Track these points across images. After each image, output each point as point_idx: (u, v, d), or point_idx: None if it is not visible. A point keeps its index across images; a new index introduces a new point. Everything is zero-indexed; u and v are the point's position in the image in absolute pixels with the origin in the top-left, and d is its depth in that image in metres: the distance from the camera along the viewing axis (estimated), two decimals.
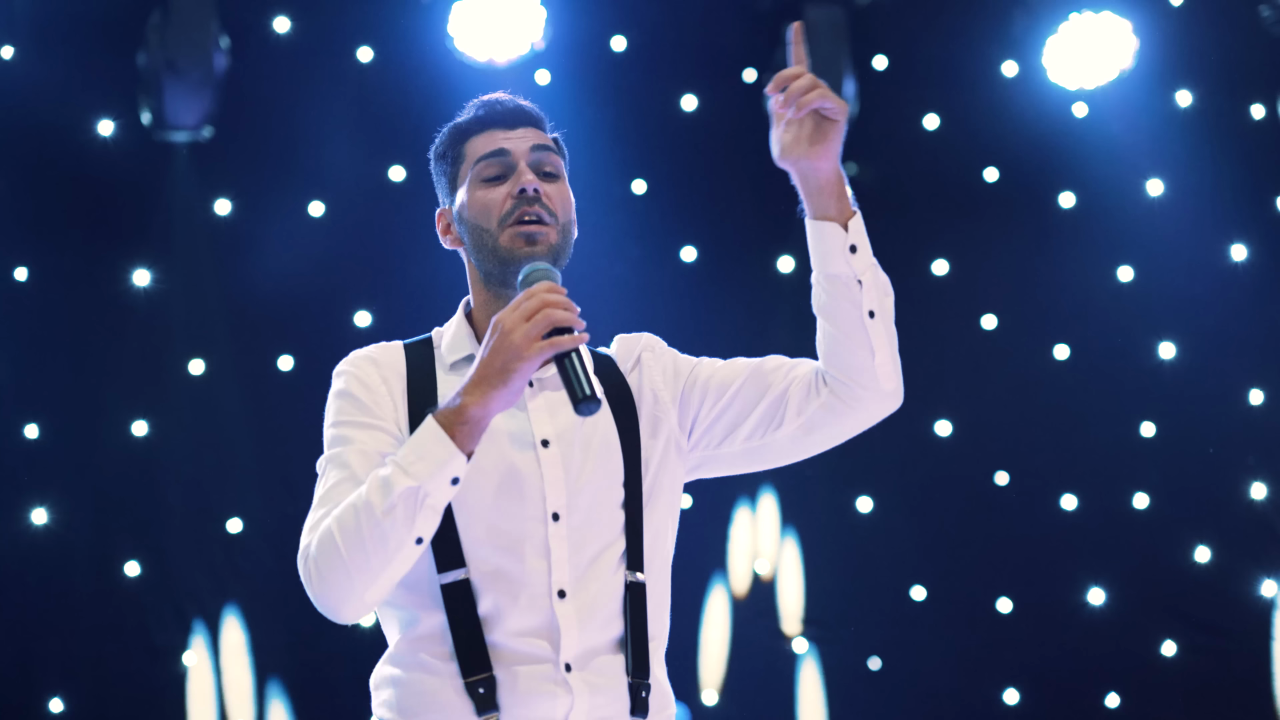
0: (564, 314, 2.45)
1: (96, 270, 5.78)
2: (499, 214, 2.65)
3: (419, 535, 2.45)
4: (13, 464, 5.70)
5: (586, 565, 2.59)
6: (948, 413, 6.16)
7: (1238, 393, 6.23)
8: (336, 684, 5.82)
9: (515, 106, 2.74)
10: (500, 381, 2.43)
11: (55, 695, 5.67)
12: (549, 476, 2.60)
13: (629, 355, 2.80)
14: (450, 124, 2.77)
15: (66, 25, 5.75)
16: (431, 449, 2.43)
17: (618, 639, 2.61)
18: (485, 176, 2.68)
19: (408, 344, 2.75)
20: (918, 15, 6.19)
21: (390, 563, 2.45)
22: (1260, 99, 6.27)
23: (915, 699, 6.07)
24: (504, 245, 2.64)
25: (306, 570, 2.50)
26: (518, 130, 2.71)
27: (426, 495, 2.43)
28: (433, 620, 2.57)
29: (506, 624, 2.55)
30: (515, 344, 2.43)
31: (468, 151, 2.71)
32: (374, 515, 2.43)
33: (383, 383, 2.65)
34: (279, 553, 5.79)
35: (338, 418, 2.64)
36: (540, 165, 2.69)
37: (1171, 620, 6.16)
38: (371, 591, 2.47)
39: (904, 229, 6.20)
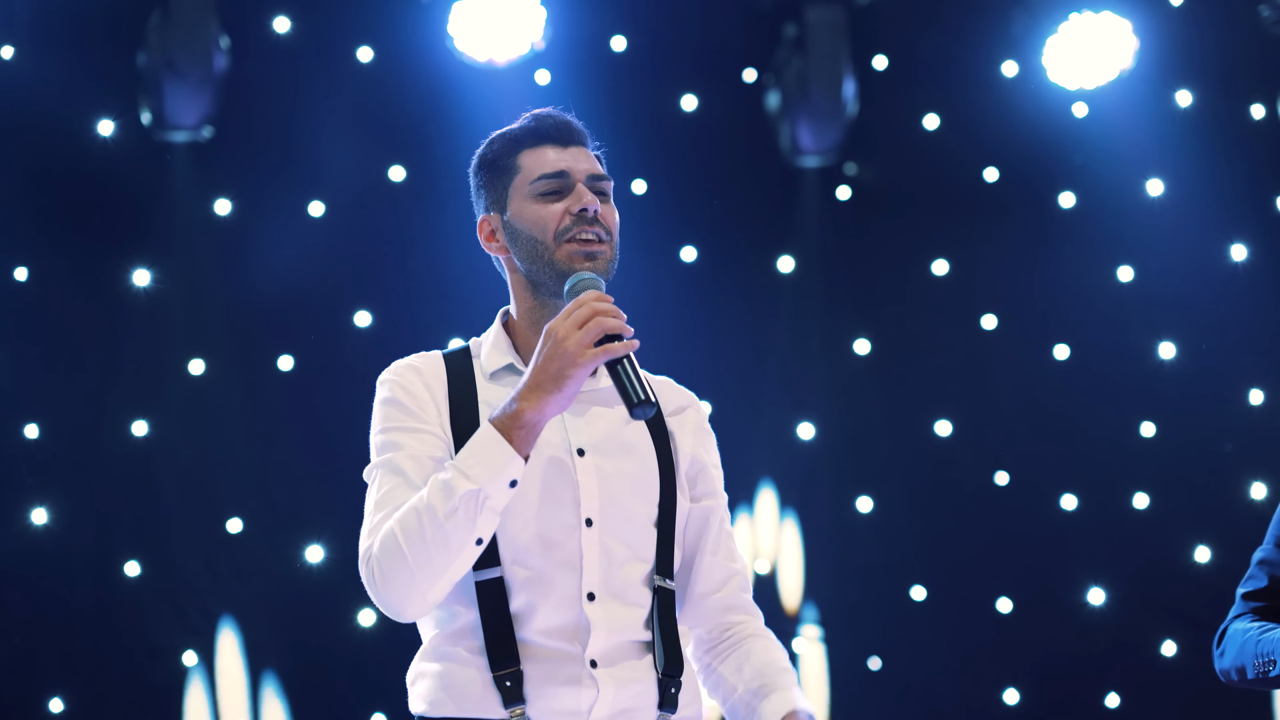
0: (615, 321, 2.55)
1: (96, 270, 5.78)
2: (556, 228, 2.70)
3: (479, 536, 2.54)
4: (13, 464, 5.70)
5: (618, 570, 2.67)
6: (948, 413, 6.16)
7: (1238, 393, 6.23)
8: (335, 683, 5.82)
9: (568, 123, 2.79)
10: (555, 387, 2.53)
11: (55, 695, 5.67)
12: (584, 483, 2.68)
13: (672, 399, 2.88)
14: (499, 133, 2.82)
15: (66, 25, 5.75)
16: (490, 453, 2.53)
17: (647, 640, 2.69)
18: (543, 192, 2.73)
19: (447, 354, 2.80)
20: (918, 15, 6.19)
21: (452, 563, 2.55)
22: (1260, 99, 6.27)
23: (915, 699, 6.07)
24: (561, 260, 2.70)
25: (370, 571, 2.59)
26: (571, 149, 2.77)
27: (487, 498, 2.53)
28: (468, 616, 2.65)
29: (536, 622, 2.63)
30: (569, 351, 2.52)
31: (522, 164, 2.76)
32: (436, 518, 2.52)
33: (426, 389, 2.72)
34: (279, 553, 5.79)
35: (385, 424, 2.70)
36: (595, 187, 2.75)
37: (1171, 620, 6.16)
38: (434, 591, 2.57)
39: (904, 229, 6.21)
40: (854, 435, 6.16)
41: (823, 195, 6.18)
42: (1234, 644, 3.33)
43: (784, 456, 6.08)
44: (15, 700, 5.70)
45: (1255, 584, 3.44)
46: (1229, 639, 3.35)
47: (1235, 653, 3.32)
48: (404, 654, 5.99)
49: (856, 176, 6.24)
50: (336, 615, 5.77)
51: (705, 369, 5.99)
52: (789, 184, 6.17)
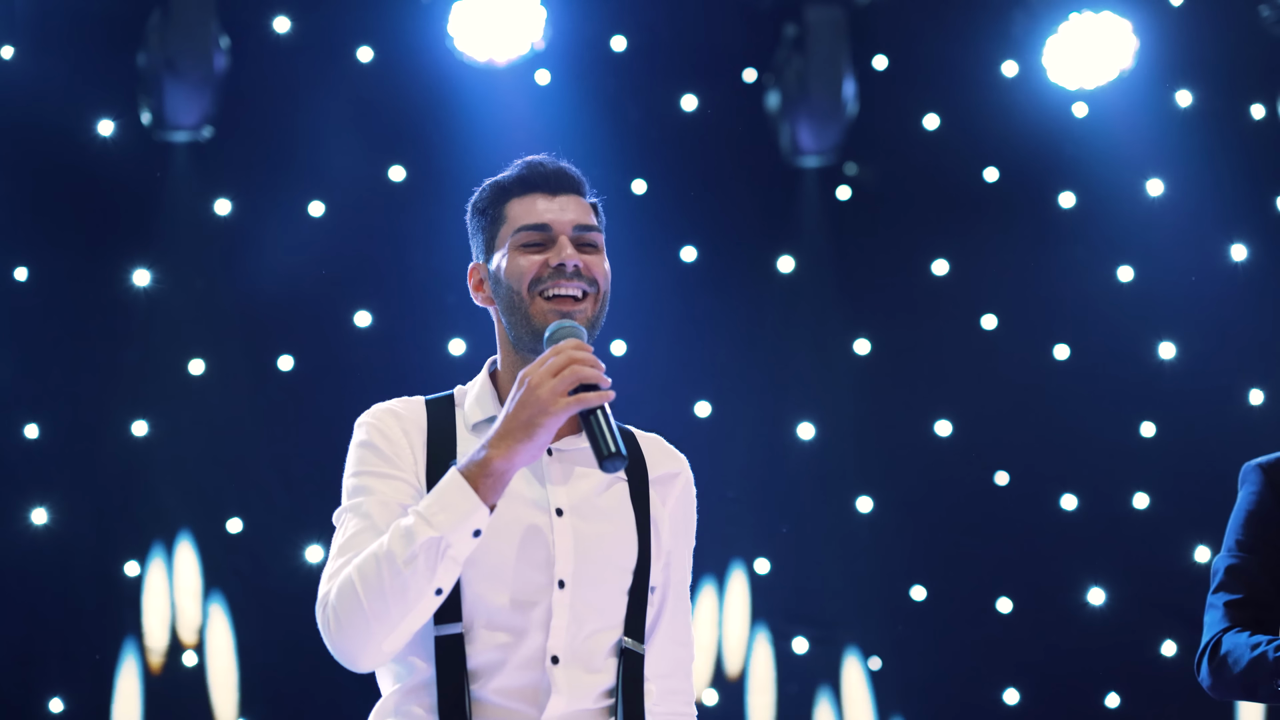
0: (591, 371, 2.48)
1: (96, 270, 5.78)
2: (531, 277, 2.64)
3: (439, 586, 2.47)
4: (13, 464, 5.70)
5: (585, 635, 2.61)
6: (948, 413, 6.16)
7: (1238, 393, 6.23)
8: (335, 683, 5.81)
9: (559, 171, 2.72)
10: (525, 435, 2.47)
11: (55, 695, 5.67)
12: (560, 544, 2.61)
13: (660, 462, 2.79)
14: (492, 181, 2.77)
15: (66, 25, 5.75)
16: (455, 500, 2.47)
17: (608, 705, 2.62)
18: (525, 243, 2.67)
19: (429, 400, 2.74)
20: (918, 15, 6.19)
21: (409, 613, 2.47)
22: (1260, 99, 6.27)
23: (915, 699, 6.07)
24: (535, 316, 2.64)
25: (325, 618, 2.52)
26: (559, 198, 2.70)
27: (448, 546, 2.46)
28: (425, 672, 2.58)
29: (496, 681, 2.56)
30: (541, 399, 2.46)
31: (509, 214, 2.70)
32: (395, 565, 2.45)
33: (404, 435, 2.66)
34: (279, 553, 5.79)
35: (359, 468, 2.66)
36: (580, 240, 2.68)
37: (1171, 620, 6.16)
38: (389, 641, 2.50)
39: (904, 229, 6.21)
40: (854, 435, 6.16)
41: (823, 195, 6.18)
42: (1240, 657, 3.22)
43: (784, 456, 6.08)
44: (15, 700, 5.70)
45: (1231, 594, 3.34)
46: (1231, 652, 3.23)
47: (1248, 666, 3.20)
48: None
49: (856, 176, 6.24)
50: None
51: (705, 369, 5.99)
52: (789, 184, 6.17)
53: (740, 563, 6.02)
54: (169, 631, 5.75)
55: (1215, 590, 3.37)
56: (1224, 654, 3.25)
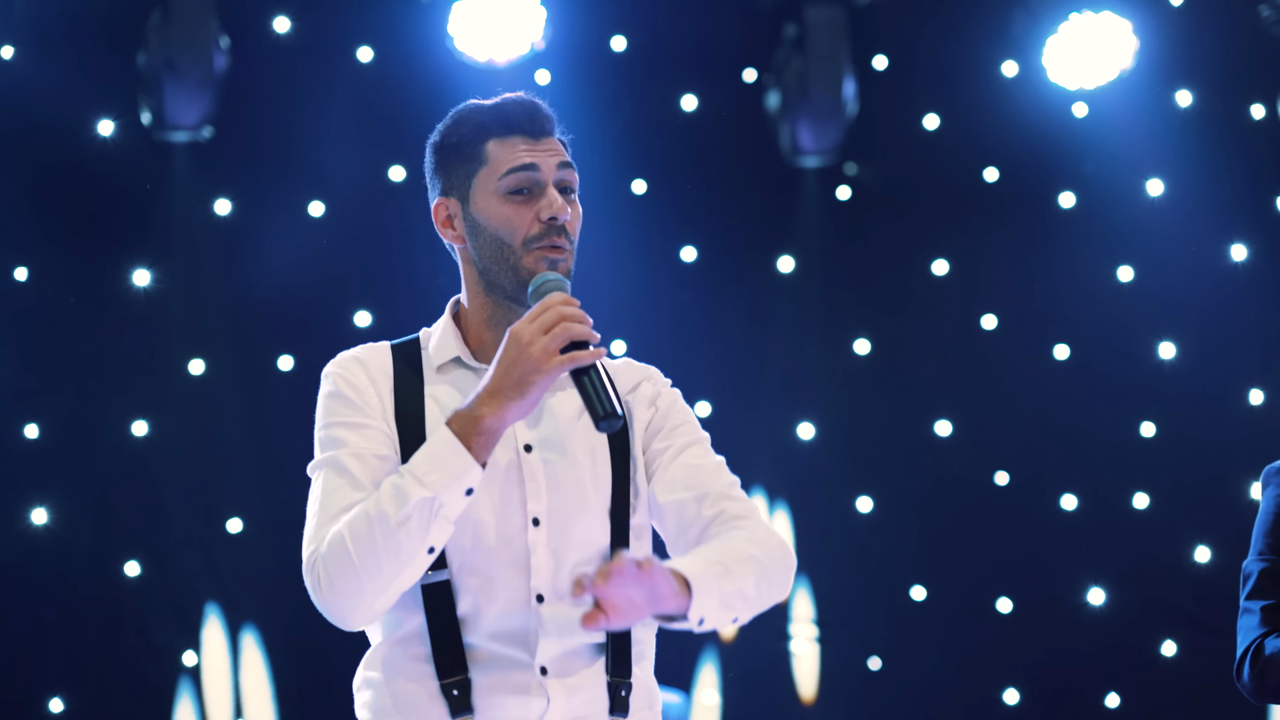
0: (582, 328, 2.45)
1: (96, 270, 5.78)
2: (525, 234, 2.60)
3: (431, 545, 2.46)
4: (13, 464, 5.70)
5: (570, 571, 2.57)
6: (948, 413, 6.16)
7: (1238, 393, 6.23)
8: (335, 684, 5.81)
9: (541, 112, 2.68)
10: (518, 394, 2.43)
11: (55, 695, 5.67)
12: (530, 482, 2.58)
13: (629, 381, 2.74)
14: (464, 114, 2.71)
15: (66, 25, 5.75)
16: (447, 459, 2.44)
17: (599, 642, 2.59)
18: (512, 189, 2.62)
19: (395, 345, 2.72)
20: (918, 15, 6.19)
21: (403, 571, 2.46)
22: (1260, 99, 6.27)
23: (915, 699, 6.07)
24: (526, 266, 2.59)
25: (315, 577, 2.50)
26: (542, 141, 2.65)
27: (441, 505, 2.44)
28: (413, 621, 2.56)
29: (483, 626, 2.54)
30: (534, 357, 2.42)
31: (490, 155, 2.64)
32: (388, 525, 2.43)
33: (370, 382, 2.62)
34: (279, 552, 5.79)
35: (328, 419, 2.61)
36: (562, 185, 2.64)
37: (1171, 620, 6.16)
38: (382, 600, 2.49)
39: (904, 229, 6.21)
40: (854, 435, 6.16)
41: (823, 195, 6.18)
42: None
43: (784, 456, 6.08)
44: (15, 700, 5.70)
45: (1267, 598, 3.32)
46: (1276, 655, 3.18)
47: None
48: None
49: (856, 176, 6.24)
50: None
51: (705, 369, 5.99)
52: (789, 184, 6.16)
53: None
54: (168, 631, 5.74)
55: (1249, 595, 3.35)
56: (1268, 657, 3.23)
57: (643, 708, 2.63)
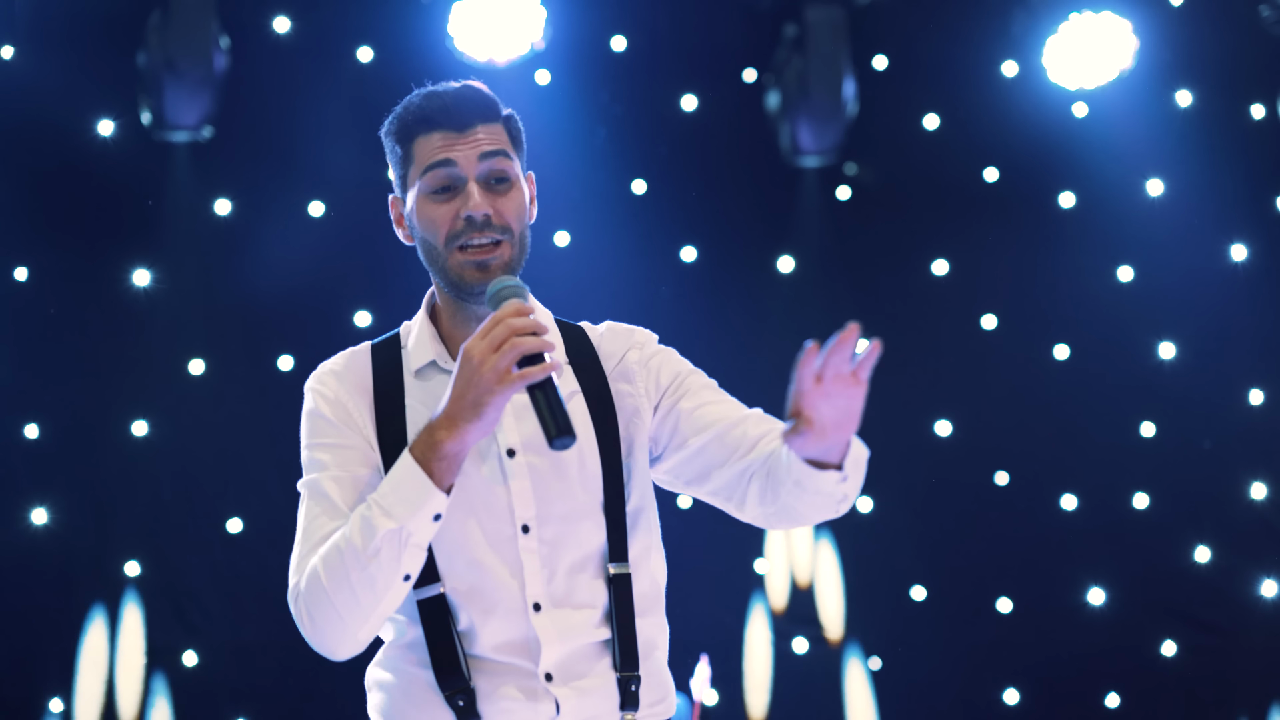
0: (533, 341, 2.36)
1: (96, 270, 5.78)
2: (446, 233, 2.55)
3: (406, 573, 2.43)
4: (13, 464, 5.70)
5: (564, 575, 2.54)
6: (948, 413, 6.16)
7: (1238, 393, 6.23)
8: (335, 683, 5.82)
9: (460, 101, 2.59)
10: (474, 415, 2.37)
11: (55, 695, 5.67)
12: (515, 488, 2.55)
13: (614, 352, 2.70)
14: (400, 107, 2.67)
15: (66, 25, 5.75)
16: (410, 489, 2.40)
17: (604, 639, 2.56)
18: (433, 188, 2.56)
19: (375, 345, 2.68)
20: (918, 15, 6.20)
21: (380, 601, 2.44)
22: (1260, 99, 6.27)
23: (915, 699, 6.07)
24: (453, 269, 2.55)
25: (298, 612, 2.50)
26: (466, 133, 2.56)
27: (410, 535, 2.40)
28: (414, 631, 2.55)
29: (484, 639, 2.52)
30: (485, 378, 2.36)
31: (416, 153, 2.59)
32: (359, 558, 2.41)
33: (348, 397, 2.59)
34: (279, 553, 5.79)
35: (310, 439, 2.60)
36: (489, 175, 2.56)
37: (1171, 620, 6.16)
38: (365, 629, 2.47)
39: (904, 229, 6.21)
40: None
41: (823, 195, 6.18)
42: None
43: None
44: (15, 700, 5.70)
45: None
46: None
47: None
48: None
49: (856, 176, 6.24)
50: None
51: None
52: (789, 184, 6.17)
53: (740, 563, 6.02)
54: (168, 631, 5.75)
55: None
56: None
57: (655, 701, 2.61)
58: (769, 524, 2.62)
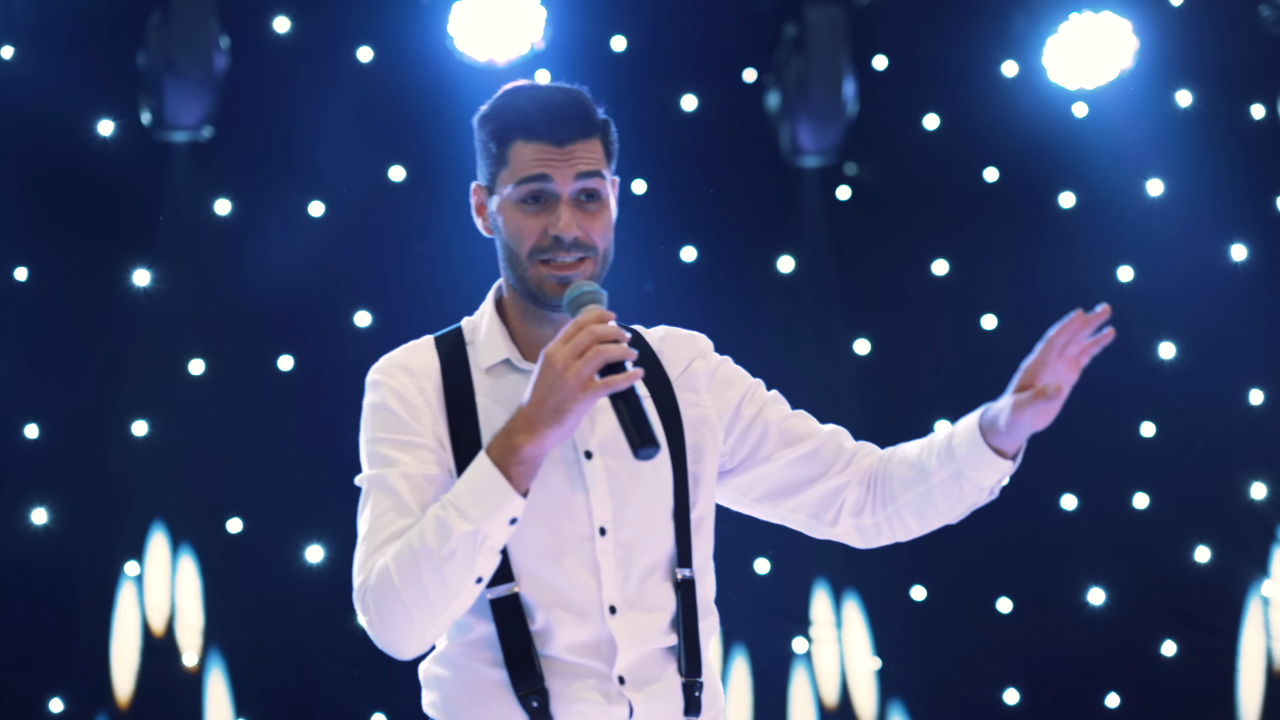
0: (617, 349, 2.39)
1: (96, 270, 5.78)
2: (531, 245, 2.55)
3: (479, 575, 2.43)
4: (13, 464, 5.70)
5: (637, 579, 2.56)
6: (948, 413, 6.15)
7: (1238, 393, 6.23)
8: (335, 683, 5.82)
9: (564, 118, 2.58)
10: (554, 421, 2.38)
11: (55, 695, 5.67)
12: (594, 490, 2.55)
13: (678, 359, 2.73)
14: (500, 103, 2.63)
15: (66, 25, 5.75)
16: (488, 492, 2.40)
17: (671, 645, 2.58)
18: (524, 197, 2.55)
19: (438, 339, 2.66)
20: (918, 15, 6.19)
21: (452, 603, 2.43)
22: (1260, 99, 6.27)
23: (915, 699, 6.07)
24: (533, 279, 2.55)
25: (365, 610, 2.47)
26: (566, 148, 2.55)
27: (485, 538, 2.40)
28: (483, 628, 2.54)
29: (559, 639, 2.52)
30: (568, 384, 2.37)
31: (511, 158, 2.56)
32: (433, 560, 2.40)
33: (419, 393, 2.57)
34: (279, 553, 5.79)
35: (375, 434, 2.56)
36: (581, 193, 2.56)
37: (1171, 620, 6.16)
38: (433, 629, 2.46)
39: (904, 229, 6.21)
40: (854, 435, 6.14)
41: (823, 195, 6.18)
42: None
43: None
44: (15, 700, 5.70)
45: None
46: None
47: None
48: None
49: (856, 176, 6.24)
50: (336, 615, 5.77)
51: None
52: (789, 184, 6.16)
53: (740, 563, 6.02)
54: (169, 632, 5.75)
55: None
56: None
57: (711, 705, 2.63)
58: (863, 536, 2.70)
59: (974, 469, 2.63)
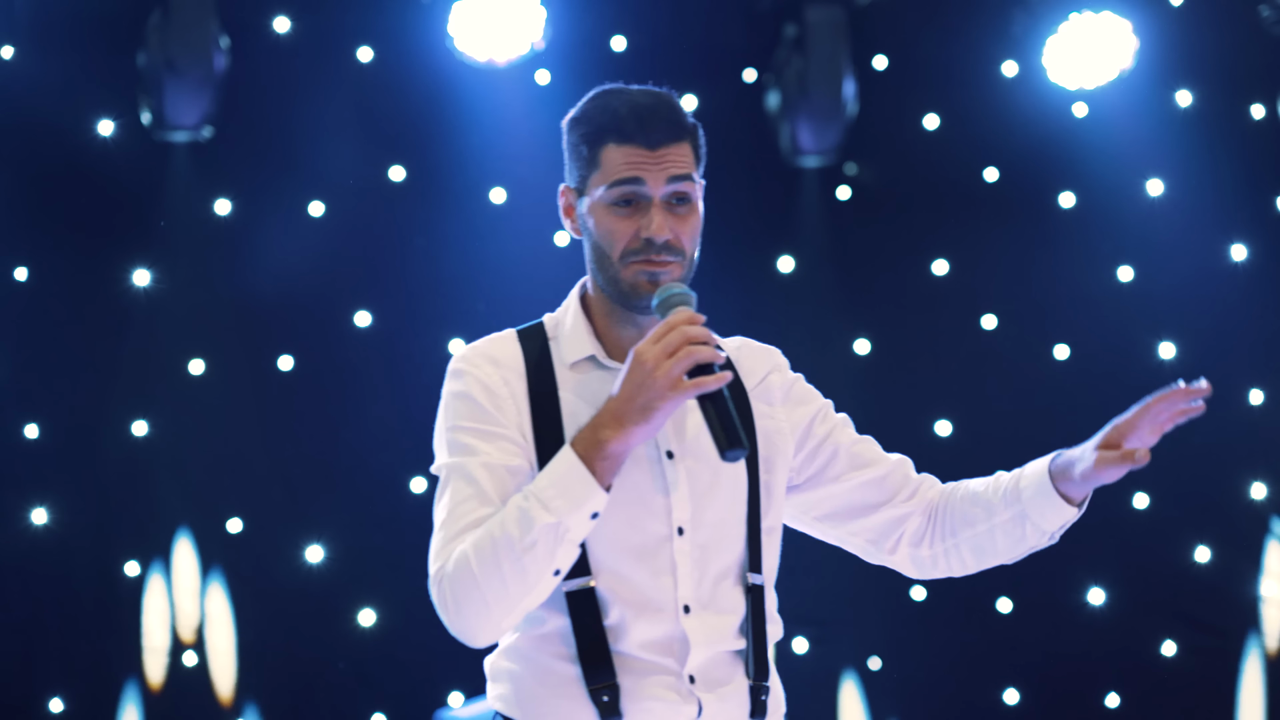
0: (707, 351, 2.42)
1: (96, 270, 5.78)
2: (624, 248, 2.58)
3: (557, 568, 2.44)
4: (13, 464, 5.70)
5: (711, 581, 2.58)
6: (948, 413, 6.16)
7: (1238, 393, 6.23)
8: (335, 683, 5.82)
9: (656, 122, 2.61)
10: (642, 419, 2.40)
11: (55, 695, 5.67)
12: (675, 490, 2.57)
13: (755, 370, 2.76)
14: (592, 105, 2.69)
15: (66, 25, 5.75)
16: (572, 485, 2.42)
17: (740, 648, 2.60)
18: (616, 200, 2.57)
19: (521, 333, 2.66)
20: (918, 15, 6.19)
21: (529, 593, 2.45)
22: (1260, 99, 6.27)
23: (915, 699, 6.07)
24: (625, 279, 2.58)
25: (441, 596, 2.48)
26: (659, 151, 2.58)
27: (567, 530, 2.42)
28: (557, 622, 2.55)
29: (633, 636, 2.54)
30: (658, 383, 2.39)
31: (603, 161, 2.60)
32: (514, 550, 2.41)
33: (504, 384, 2.58)
34: (279, 553, 5.79)
35: (457, 422, 2.56)
36: (672, 196, 2.59)
37: (1171, 620, 6.16)
38: (508, 619, 2.47)
39: (904, 229, 6.21)
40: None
41: (823, 195, 6.18)
42: None
43: None
44: (15, 700, 5.70)
45: None
46: None
47: None
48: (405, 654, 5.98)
49: (856, 176, 6.24)
50: (336, 615, 5.77)
51: None
52: (789, 184, 6.17)
53: None
54: (169, 631, 5.75)
55: None
56: None
57: (775, 709, 2.65)
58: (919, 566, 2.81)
59: (1038, 512, 2.71)
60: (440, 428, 2.59)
